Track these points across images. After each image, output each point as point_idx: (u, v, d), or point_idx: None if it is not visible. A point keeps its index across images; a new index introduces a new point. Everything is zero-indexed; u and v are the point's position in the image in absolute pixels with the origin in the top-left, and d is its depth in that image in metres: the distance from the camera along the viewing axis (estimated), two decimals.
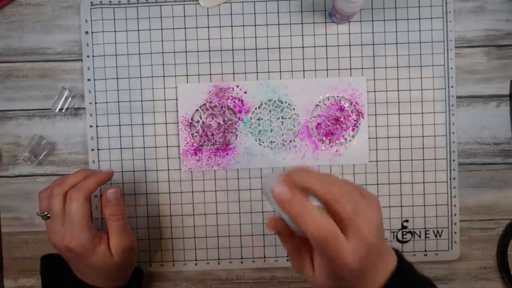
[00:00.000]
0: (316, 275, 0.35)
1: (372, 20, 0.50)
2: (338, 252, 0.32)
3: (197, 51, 0.50)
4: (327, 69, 0.50)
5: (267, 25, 0.50)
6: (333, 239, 0.31)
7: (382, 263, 0.35)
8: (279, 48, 0.50)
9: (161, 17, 0.50)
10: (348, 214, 0.32)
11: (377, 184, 0.50)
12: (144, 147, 0.51)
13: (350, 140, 0.50)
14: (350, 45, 0.50)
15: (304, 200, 0.32)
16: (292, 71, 0.50)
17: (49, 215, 0.43)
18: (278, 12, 0.50)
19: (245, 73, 0.50)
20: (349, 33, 0.50)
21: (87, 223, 0.41)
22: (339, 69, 0.50)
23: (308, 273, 0.36)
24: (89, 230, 0.41)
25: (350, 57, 0.50)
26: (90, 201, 0.43)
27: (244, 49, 0.50)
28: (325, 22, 0.50)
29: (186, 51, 0.50)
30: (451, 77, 0.50)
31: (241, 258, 0.51)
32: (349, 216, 0.32)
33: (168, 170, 0.51)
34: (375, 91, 0.50)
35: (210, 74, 0.50)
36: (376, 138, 0.50)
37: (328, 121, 0.50)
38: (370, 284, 0.35)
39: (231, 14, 0.50)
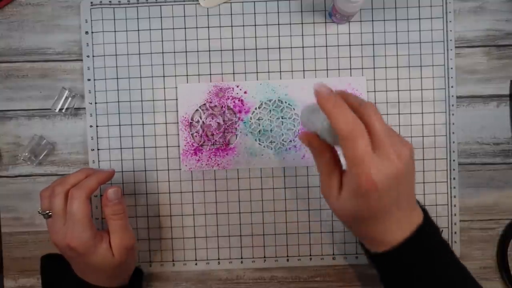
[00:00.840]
0: (341, 195, 0.35)
1: (372, 20, 0.50)
2: (363, 160, 0.32)
3: (197, 51, 0.50)
4: (327, 69, 0.50)
5: (267, 25, 0.50)
6: (360, 139, 0.32)
7: (408, 212, 0.35)
8: (279, 48, 0.50)
9: (161, 17, 0.50)
10: (380, 132, 0.33)
11: None
12: (144, 147, 0.51)
13: None
14: (350, 45, 0.50)
15: (340, 99, 0.33)
16: (292, 71, 0.50)
17: (50, 214, 0.42)
18: (278, 12, 0.50)
19: (245, 73, 0.50)
20: (349, 33, 0.50)
21: (89, 222, 0.41)
22: (339, 69, 0.50)
23: (334, 193, 0.36)
24: (91, 229, 0.41)
25: (350, 57, 0.50)
26: (90, 200, 0.42)
27: (244, 49, 0.50)
28: (325, 22, 0.50)
29: (186, 51, 0.50)
30: (451, 77, 0.50)
31: (241, 258, 0.51)
32: (381, 135, 0.33)
33: (168, 170, 0.51)
34: (375, 91, 0.50)
35: (210, 74, 0.50)
36: None
37: None
38: (394, 227, 0.35)
39: (231, 14, 0.50)
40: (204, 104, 0.50)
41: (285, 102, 0.50)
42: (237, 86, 0.50)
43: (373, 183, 0.32)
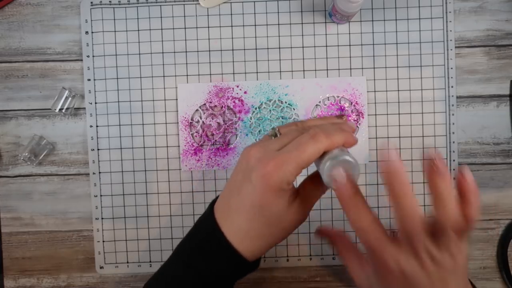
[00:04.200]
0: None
1: (372, 20, 0.50)
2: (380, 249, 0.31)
3: (197, 51, 0.50)
4: (327, 69, 0.50)
5: (267, 25, 0.50)
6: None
7: None
8: (279, 48, 0.50)
9: (161, 17, 0.50)
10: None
11: (377, 184, 0.50)
12: (144, 147, 0.51)
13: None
14: (350, 45, 0.50)
15: (359, 197, 0.32)
16: (292, 71, 0.50)
17: (278, 135, 0.36)
18: (278, 12, 0.50)
19: (245, 73, 0.50)
20: (349, 33, 0.50)
21: (299, 171, 0.33)
22: (339, 69, 0.50)
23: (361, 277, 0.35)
24: (295, 176, 0.33)
25: (350, 57, 0.50)
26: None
27: (244, 49, 0.50)
28: (325, 22, 0.50)
29: (186, 51, 0.50)
30: (451, 77, 0.50)
31: None
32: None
33: (168, 170, 0.51)
34: (375, 91, 0.50)
35: (210, 74, 0.50)
36: (376, 138, 0.50)
37: None
38: None
39: (231, 14, 0.50)
40: (204, 104, 0.50)
41: (285, 102, 0.50)
42: (237, 86, 0.50)
43: (392, 270, 0.31)
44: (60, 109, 0.50)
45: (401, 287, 0.32)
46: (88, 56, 0.50)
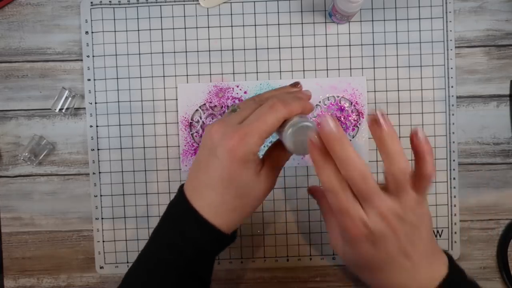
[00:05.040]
0: (342, 243, 0.35)
1: (372, 20, 0.50)
2: (348, 211, 0.32)
3: (197, 51, 0.50)
4: (327, 69, 0.50)
5: (267, 25, 0.50)
6: (342, 192, 0.32)
7: (425, 263, 0.33)
8: (279, 48, 0.50)
9: (161, 17, 0.50)
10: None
11: (377, 184, 0.50)
12: (144, 147, 0.51)
13: (350, 140, 0.50)
14: (350, 45, 0.50)
15: (326, 152, 0.32)
16: (292, 71, 0.50)
17: (237, 109, 0.36)
18: (278, 12, 0.50)
19: (245, 73, 0.50)
20: (349, 33, 0.50)
21: (263, 141, 0.34)
22: (339, 69, 0.50)
23: (337, 242, 0.36)
24: (259, 147, 0.34)
25: (350, 57, 0.50)
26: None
27: (244, 49, 0.50)
28: (325, 22, 0.50)
29: (186, 51, 0.50)
30: (451, 77, 0.50)
31: (241, 258, 0.51)
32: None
33: (168, 170, 0.51)
34: (375, 91, 0.50)
35: (210, 74, 0.50)
36: None
37: None
38: (409, 282, 0.33)
39: (231, 14, 0.50)
40: (204, 104, 0.50)
41: None
42: (237, 86, 0.50)
43: (359, 231, 0.32)
44: (60, 109, 0.50)
45: (370, 247, 0.33)
46: (88, 56, 0.50)
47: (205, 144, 0.35)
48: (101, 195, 0.51)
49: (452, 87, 0.50)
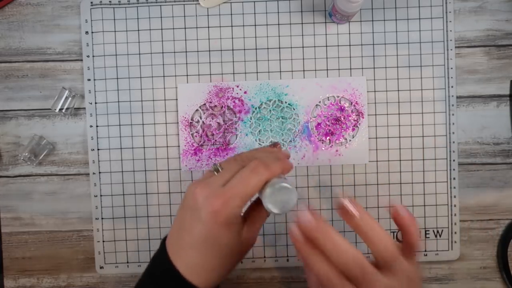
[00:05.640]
0: None
1: (372, 20, 0.50)
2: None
3: (197, 51, 0.50)
4: (327, 69, 0.50)
5: (267, 25, 0.50)
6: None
7: None
8: (279, 48, 0.50)
9: (161, 17, 0.50)
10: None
11: (377, 184, 0.50)
12: (144, 147, 0.51)
13: (350, 140, 0.50)
14: (350, 45, 0.50)
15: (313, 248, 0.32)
16: (292, 71, 0.50)
17: (219, 169, 0.37)
18: (278, 12, 0.50)
19: (245, 73, 0.50)
20: (349, 33, 0.50)
21: (245, 203, 0.35)
22: (339, 69, 0.50)
23: None
24: (241, 209, 0.35)
25: (350, 57, 0.50)
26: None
27: (244, 49, 0.50)
28: (325, 22, 0.50)
29: (186, 51, 0.50)
30: (451, 77, 0.50)
31: None
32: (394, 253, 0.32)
33: (168, 170, 0.51)
34: (375, 91, 0.50)
35: (210, 74, 0.50)
36: (376, 138, 0.50)
37: (328, 121, 0.50)
38: None
39: (231, 14, 0.50)
40: (204, 104, 0.50)
41: (285, 102, 0.50)
42: (237, 86, 0.50)
43: None
44: (60, 109, 0.50)
45: None
46: (88, 56, 0.50)
47: (187, 204, 0.36)
48: (101, 195, 0.51)
49: (452, 87, 0.50)
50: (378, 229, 0.32)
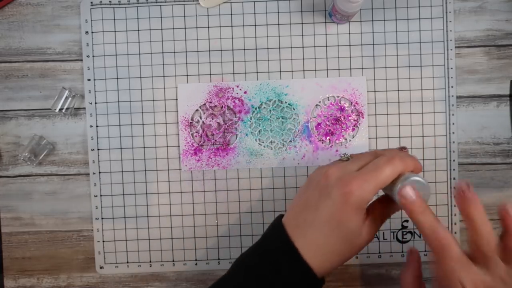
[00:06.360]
0: None
1: (372, 20, 0.50)
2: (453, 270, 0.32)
3: (197, 51, 0.50)
4: (327, 69, 0.50)
5: (267, 25, 0.50)
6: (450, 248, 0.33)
7: None
8: (279, 48, 0.50)
9: (161, 17, 0.50)
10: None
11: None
12: (144, 147, 0.51)
13: (350, 140, 0.50)
14: (350, 45, 0.50)
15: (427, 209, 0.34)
16: (292, 71, 0.50)
17: (349, 158, 0.38)
18: (278, 12, 0.50)
19: (245, 73, 0.50)
20: (349, 33, 0.50)
21: (377, 191, 0.35)
22: (339, 69, 0.50)
23: None
24: (372, 196, 0.35)
25: (350, 57, 0.50)
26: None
27: (244, 49, 0.50)
28: (325, 22, 0.50)
29: (186, 51, 0.50)
30: (451, 77, 0.50)
31: None
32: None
33: (168, 170, 0.51)
34: (375, 91, 0.50)
35: (210, 74, 0.50)
36: (376, 138, 0.50)
37: (328, 121, 0.50)
38: None
39: (231, 14, 0.50)
40: (204, 104, 0.50)
41: (285, 102, 0.50)
42: (237, 86, 0.50)
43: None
44: (60, 109, 0.50)
45: None
46: (88, 56, 0.50)
47: (317, 183, 0.36)
48: (101, 195, 0.51)
49: (452, 87, 0.50)
50: (487, 222, 0.33)
